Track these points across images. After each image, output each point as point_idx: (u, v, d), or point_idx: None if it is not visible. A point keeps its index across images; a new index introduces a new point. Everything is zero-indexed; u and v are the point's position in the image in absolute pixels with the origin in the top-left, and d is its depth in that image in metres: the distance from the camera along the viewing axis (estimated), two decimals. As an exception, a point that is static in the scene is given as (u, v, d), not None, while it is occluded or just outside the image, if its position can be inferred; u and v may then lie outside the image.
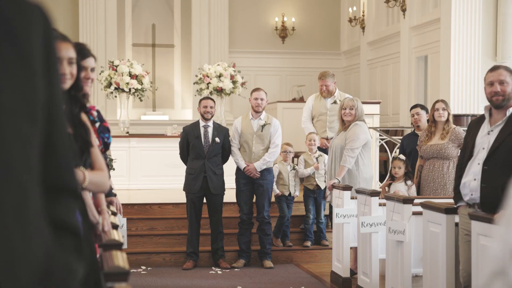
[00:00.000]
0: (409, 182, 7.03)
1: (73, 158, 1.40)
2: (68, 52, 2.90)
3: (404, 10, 13.16)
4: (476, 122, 4.99)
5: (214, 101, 8.35)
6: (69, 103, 2.95)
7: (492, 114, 4.87)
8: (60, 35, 2.91)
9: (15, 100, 1.16)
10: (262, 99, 8.09)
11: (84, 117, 3.06)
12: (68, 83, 2.91)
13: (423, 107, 7.81)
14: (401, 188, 6.98)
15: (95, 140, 3.14)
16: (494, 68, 4.93)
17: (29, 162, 1.18)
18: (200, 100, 8.27)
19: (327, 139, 8.65)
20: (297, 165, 8.58)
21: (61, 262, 1.24)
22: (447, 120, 6.98)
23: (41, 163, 1.25)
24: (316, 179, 8.38)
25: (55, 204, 1.31)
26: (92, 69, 3.47)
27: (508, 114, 4.77)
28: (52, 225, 1.27)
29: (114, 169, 8.04)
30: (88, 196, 3.18)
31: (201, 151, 8.00)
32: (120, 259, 2.70)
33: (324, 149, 8.58)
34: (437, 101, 7.14)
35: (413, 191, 6.97)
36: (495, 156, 4.63)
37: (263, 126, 8.06)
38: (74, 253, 1.32)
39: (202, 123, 8.11)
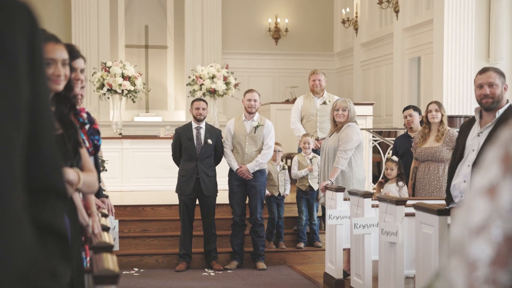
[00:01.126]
0: (400, 183, 7.03)
1: (61, 159, 1.38)
2: (62, 53, 2.90)
3: (397, 12, 13.17)
4: (467, 124, 4.99)
5: (206, 103, 8.33)
6: (60, 104, 2.94)
7: (482, 116, 4.87)
8: (52, 37, 2.90)
9: None
10: (255, 100, 8.08)
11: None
12: (62, 85, 2.91)
13: (415, 109, 7.80)
14: (392, 189, 6.99)
15: (82, 141, 3.13)
16: (484, 70, 4.91)
17: (11, 164, 1.15)
18: (192, 102, 8.25)
19: (317, 139, 8.67)
20: (286, 164, 8.57)
21: (44, 266, 1.21)
22: (441, 121, 6.97)
23: (25, 164, 1.22)
24: (309, 180, 8.37)
25: (42, 207, 1.28)
26: (82, 70, 3.45)
27: (497, 116, 4.77)
28: (37, 228, 1.25)
29: (106, 170, 7.99)
30: (78, 198, 3.17)
31: (194, 153, 7.98)
32: (110, 261, 2.68)
33: (314, 150, 8.58)
34: (430, 103, 7.14)
35: (404, 192, 6.97)
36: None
37: (256, 127, 8.05)
38: (60, 257, 1.29)
39: (194, 125, 8.09)
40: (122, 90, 10.88)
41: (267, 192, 8.39)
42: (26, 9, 1.23)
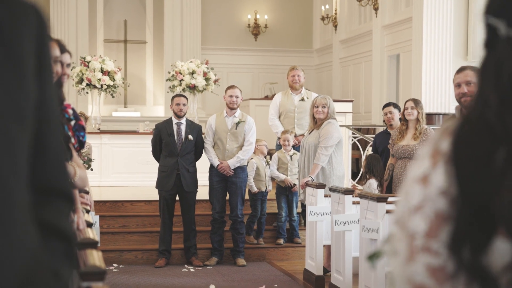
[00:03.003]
0: (371, 181, 7.04)
1: (67, 160, 1.37)
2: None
3: (376, 9, 13.23)
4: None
5: (187, 98, 8.32)
6: None
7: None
8: None
9: (2, 101, 1.13)
10: (237, 97, 8.07)
11: None
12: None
13: (396, 106, 7.83)
14: (364, 186, 7.04)
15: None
16: (461, 69, 4.94)
17: (16, 164, 1.15)
18: (173, 98, 8.23)
19: (295, 136, 8.69)
20: (269, 161, 8.58)
21: (47, 267, 1.21)
22: (418, 119, 6.97)
23: (31, 165, 1.22)
24: (289, 177, 8.38)
25: (46, 208, 1.28)
26: (68, 65, 3.44)
27: (477, 114, 4.80)
28: (42, 229, 1.24)
29: (92, 169, 7.90)
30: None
31: (174, 149, 7.96)
32: (96, 258, 2.67)
33: (293, 146, 8.60)
34: (407, 100, 7.17)
35: (372, 190, 6.97)
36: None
37: (237, 123, 8.05)
38: (64, 258, 1.29)
39: (175, 120, 8.07)
40: (101, 85, 10.81)
41: (255, 188, 8.37)
42: (35, 11, 1.23)
